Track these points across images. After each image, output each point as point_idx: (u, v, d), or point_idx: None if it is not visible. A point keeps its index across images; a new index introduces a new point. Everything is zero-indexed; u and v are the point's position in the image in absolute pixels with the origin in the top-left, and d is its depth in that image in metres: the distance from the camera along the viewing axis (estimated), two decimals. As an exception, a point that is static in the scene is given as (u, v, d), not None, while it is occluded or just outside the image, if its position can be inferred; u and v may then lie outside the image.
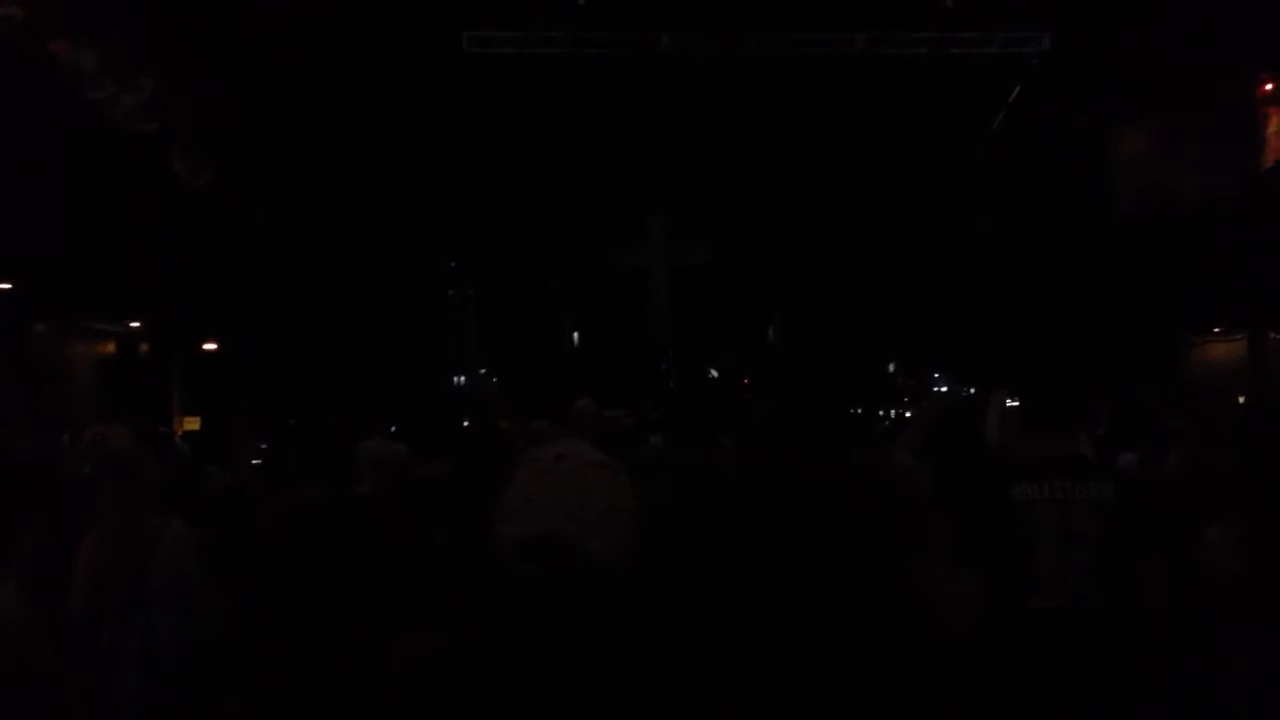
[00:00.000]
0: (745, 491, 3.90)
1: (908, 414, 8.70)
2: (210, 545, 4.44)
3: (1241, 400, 13.85)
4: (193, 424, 14.82)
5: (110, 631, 4.17)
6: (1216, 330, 17.80)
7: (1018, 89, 18.61)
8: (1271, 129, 17.56)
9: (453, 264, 21.50)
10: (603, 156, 19.52)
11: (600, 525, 1.76)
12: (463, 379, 21.38)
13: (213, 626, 4.23)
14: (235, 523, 4.50)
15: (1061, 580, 3.44)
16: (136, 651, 4.15)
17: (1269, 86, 17.54)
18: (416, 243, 19.99)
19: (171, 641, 4.20)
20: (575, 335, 23.01)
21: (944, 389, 14.57)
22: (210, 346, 16.18)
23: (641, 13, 16.36)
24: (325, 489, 4.15)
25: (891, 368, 22.63)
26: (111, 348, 15.01)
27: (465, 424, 8.76)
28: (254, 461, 7.76)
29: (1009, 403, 4.26)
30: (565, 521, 1.74)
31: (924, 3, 16.10)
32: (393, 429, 6.86)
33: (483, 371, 21.92)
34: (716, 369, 22.06)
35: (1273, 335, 16.77)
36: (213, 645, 4.23)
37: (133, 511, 4.22)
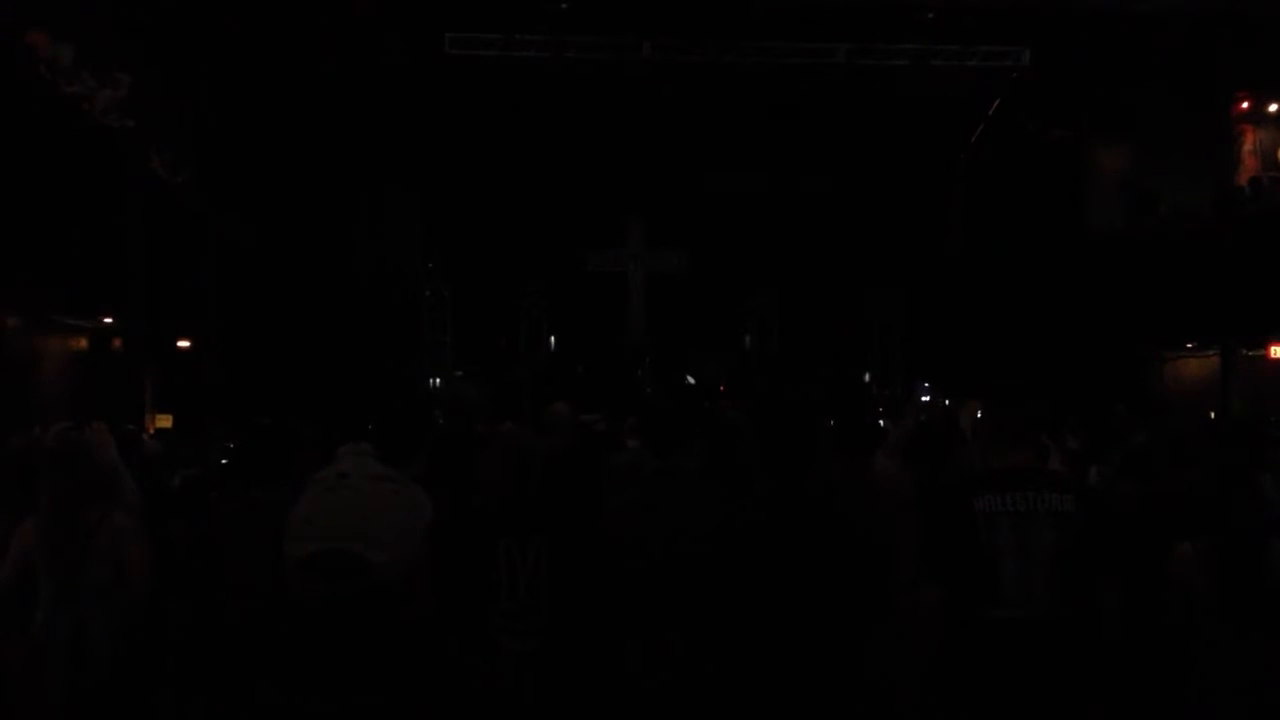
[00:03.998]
0: (724, 500, 3.90)
1: (882, 423, 8.70)
2: (173, 543, 4.39)
3: (1213, 416, 13.94)
4: (165, 421, 14.73)
5: (41, 622, 4.12)
6: (1190, 345, 17.92)
7: (997, 102, 18.70)
8: (1246, 147, 17.74)
9: (429, 265, 21.43)
10: (582, 161, 19.50)
11: (382, 539, 1.74)
12: (438, 381, 21.30)
13: (134, 620, 4.18)
14: (197, 522, 4.45)
15: (1022, 591, 3.46)
16: (65, 642, 4.11)
17: (1244, 105, 17.71)
18: (393, 243, 19.92)
19: (101, 637, 4.15)
20: (552, 339, 22.95)
21: (923, 399, 14.59)
22: (184, 344, 16.08)
23: (624, 18, 16.37)
24: (279, 491, 4.11)
25: (868, 378, 22.66)
26: (84, 343, 14.89)
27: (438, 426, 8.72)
28: (223, 461, 7.70)
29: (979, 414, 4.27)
30: (345, 537, 1.72)
31: (905, 15, 16.17)
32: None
33: (459, 374, 21.83)
34: (693, 376, 22.03)
35: (1245, 351, 16.90)
36: (146, 640, 4.17)
37: (68, 502, 4.18)
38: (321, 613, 1.80)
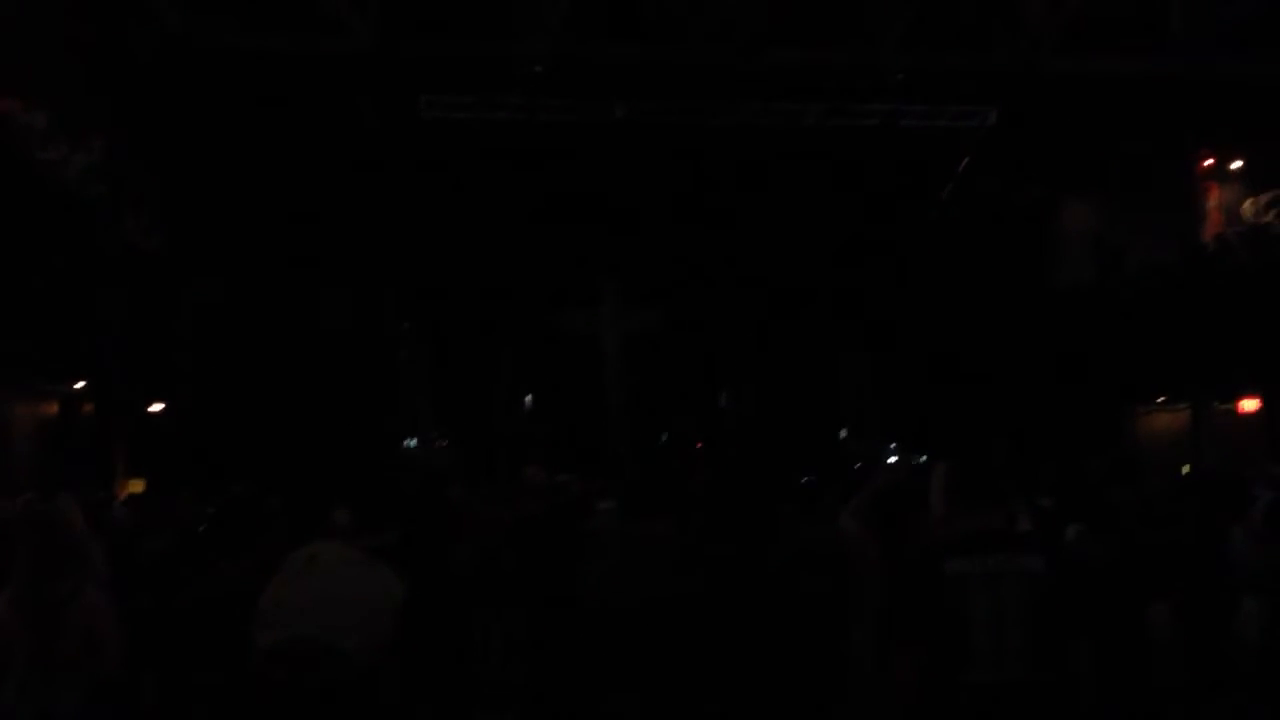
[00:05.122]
0: (686, 566, 3.89)
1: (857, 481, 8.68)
2: (143, 616, 4.33)
3: (1185, 470, 14.01)
4: (137, 486, 14.56)
5: (10, 694, 4.04)
6: (1160, 400, 18.05)
7: (966, 161, 18.95)
8: (1212, 202, 18.00)
9: (405, 326, 21.43)
10: (556, 222, 19.60)
11: (353, 623, 1.73)
12: (414, 442, 21.20)
13: (104, 696, 4.10)
14: (168, 594, 4.40)
15: (995, 654, 3.45)
16: (35, 718, 4.03)
17: (1209, 161, 18.00)
18: (369, 304, 19.91)
19: (72, 711, 4.07)
20: (528, 399, 22.93)
21: (894, 459, 14.61)
22: (156, 407, 15.96)
23: (597, 81, 16.54)
24: (247, 563, 4.06)
25: (843, 434, 22.71)
26: (54, 409, 14.76)
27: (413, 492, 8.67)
28: (201, 528, 7.61)
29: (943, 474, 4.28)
30: (313, 623, 1.71)
31: (876, 77, 16.41)
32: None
33: (434, 435, 21.74)
34: (668, 434, 22.03)
35: (1217, 405, 17.04)
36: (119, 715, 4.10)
37: (41, 573, 4.12)
38: (289, 701, 1.77)
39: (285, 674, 1.79)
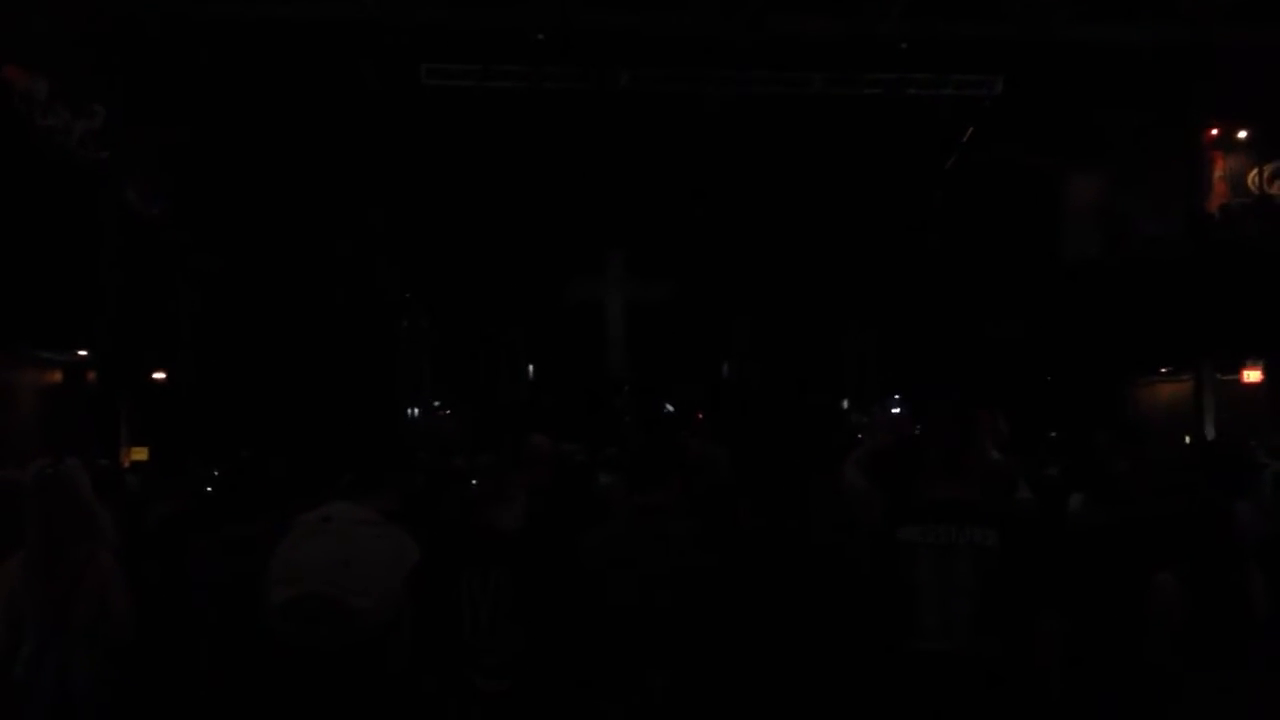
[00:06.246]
0: (700, 540, 3.88)
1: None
2: (149, 584, 4.33)
3: (1188, 440, 14.02)
4: (140, 454, 14.58)
5: (25, 662, 4.04)
6: (1164, 371, 18.03)
7: (970, 130, 18.84)
8: (1217, 173, 17.91)
9: (407, 295, 21.39)
10: (560, 191, 19.53)
11: (365, 583, 1.73)
12: (416, 411, 21.21)
13: (118, 662, 4.10)
14: (175, 558, 4.40)
15: (941, 624, 3.45)
16: (50, 685, 4.03)
17: (1214, 131, 17.90)
18: (370, 274, 19.87)
19: (87, 678, 4.07)
20: (530, 369, 22.92)
21: (894, 411, 14.63)
22: (159, 376, 15.96)
23: (601, 49, 16.44)
24: (255, 527, 4.06)
25: (846, 404, 22.70)
26: (58, 377, 14.77)
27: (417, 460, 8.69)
28: (208, 489, 7.62)
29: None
30: (327, 582, 1.70)
31: (881, 45, 16.29)
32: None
33: (436, 404, 21.75)
34: (671, 404, 22.03)
35: (1219, 376, 17.03)
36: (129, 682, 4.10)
37: (56, 540, 4.11)
38: (301, 659, 1.77)
39: (299, 631, 1.79)
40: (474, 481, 5.62)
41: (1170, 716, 3.94)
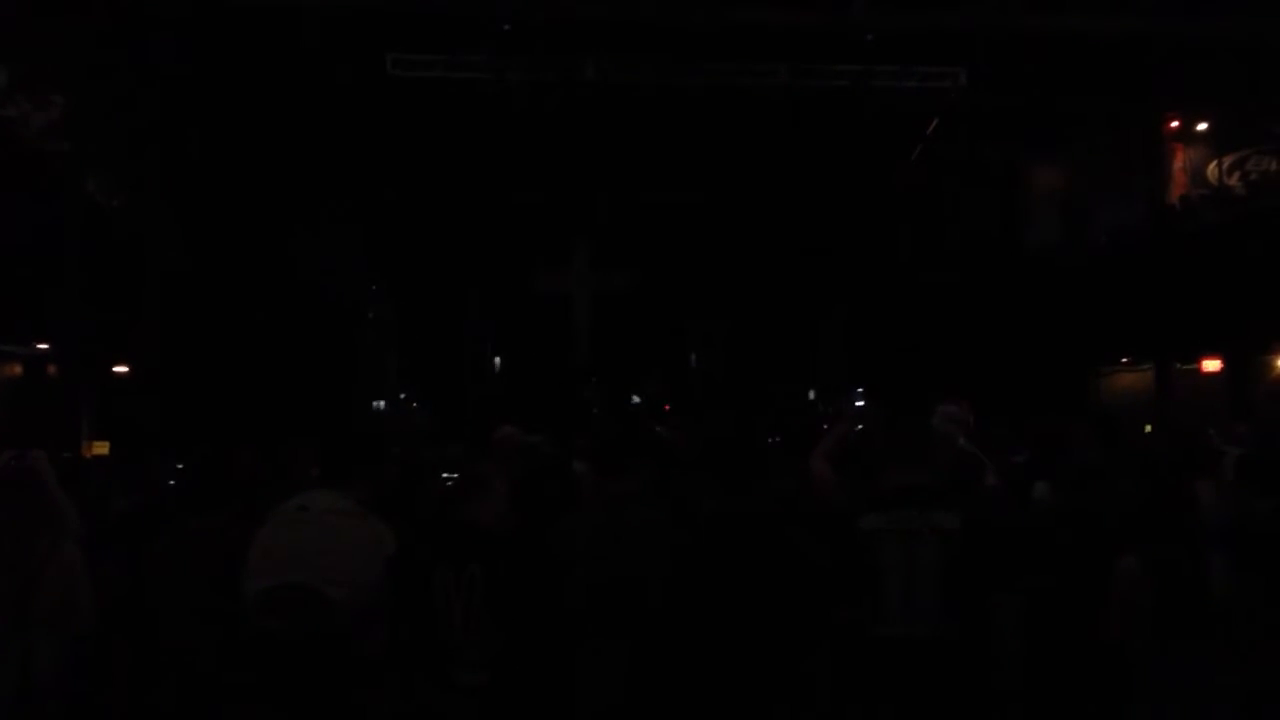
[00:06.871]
0: (668, 525, 3.90)
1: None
2: (112, 574, 4.31)
3: (1149, 429, 14.17)
4: (102, 448, 14.44)
5: None
6: (1125, 360, 18.21)
7: (935, 122, 18.94)
8: (1177, 164, 18.12)
9: (373, 286, 21.29)
10: (526, 182, 19.48)
11: (341, 572, 1.72)
12: (382, 404, 21.12)
13: (81, 653, 4.08)
14: (136, 551, 4.37)
15: (905, 609, 3.50)
16: (13, 675, 4.02)
17: (1175, 123, 18.10)
18: (336, 265, 19.76)
19: (50, 668, 4.06)
20: (496, 360, 22.87)
21: (858, 404, 14.72)
22: (120, 369, 15.81)
23: (566, 40, 16.40)
24: (216, 519, 4.03)
25: (812, 395, 22.81)
26: (18, 370, 14.59)
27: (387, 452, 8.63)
28: (170, 482, 7.56)
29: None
30: (302, 571, 1.69)
31: (846, 37, 16.34)
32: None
33: (403, 396, 21.66)
34: (638, 395, 22.04)
35: (1179, 365, 17.21)
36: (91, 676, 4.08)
37: (20, 530, 4.09)
38: (278, 647, 1.77)
39: (276, 620, 1.78)
40: (444, 474, 5.61)
41: (1134, 697, 3.99)
